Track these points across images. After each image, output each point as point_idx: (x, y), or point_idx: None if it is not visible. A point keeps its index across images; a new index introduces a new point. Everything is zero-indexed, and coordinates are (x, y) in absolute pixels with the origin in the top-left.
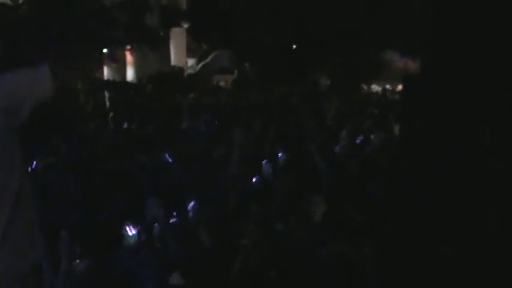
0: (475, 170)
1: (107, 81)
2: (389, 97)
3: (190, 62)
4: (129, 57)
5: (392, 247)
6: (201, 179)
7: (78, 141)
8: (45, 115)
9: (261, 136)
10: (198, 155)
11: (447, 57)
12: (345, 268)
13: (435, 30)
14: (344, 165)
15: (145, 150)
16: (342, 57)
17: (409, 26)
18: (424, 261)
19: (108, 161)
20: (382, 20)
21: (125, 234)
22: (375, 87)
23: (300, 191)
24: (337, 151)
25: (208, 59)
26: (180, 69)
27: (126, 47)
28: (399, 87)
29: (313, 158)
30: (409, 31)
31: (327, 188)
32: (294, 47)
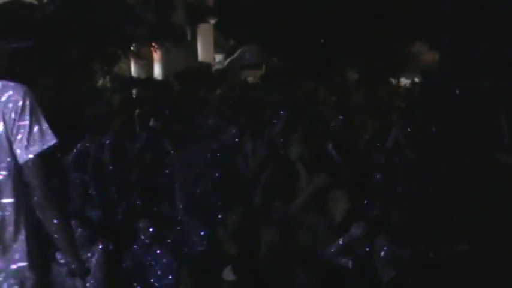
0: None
1: (133, 78)
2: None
3: (218, 57)
4: (156, 54)
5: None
6: (225, 176)
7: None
8: (71, 114)
9: (286, 132)
10: (223, 151)
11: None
12: (368, 266)
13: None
14: (367, 161)
15: (171, 146)
16: (370, 51)
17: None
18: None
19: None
20: (410, 12)
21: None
22: (404, 81)
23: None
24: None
25: (236, 54)
26: (207, 65)
27: (152, 44)
28: None
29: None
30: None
31: (348, 184)
32: (322, 41)
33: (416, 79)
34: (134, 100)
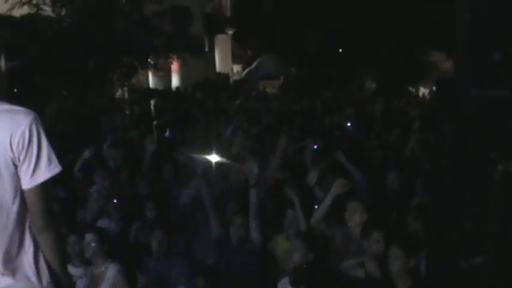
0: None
1: (151, 90)
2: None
3: (236, 68)
4: (174, 65)
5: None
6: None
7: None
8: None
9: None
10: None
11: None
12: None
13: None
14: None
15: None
16: (388, 60)
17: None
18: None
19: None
20: (427, 21)
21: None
22: (422, 90)
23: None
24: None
25: (254, 65)
26: (225, 76)
27: (170, 55)
28: None
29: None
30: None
31: (364, 196)
32: (340, 50)
33: (435, 88)
34: (152, 111)
